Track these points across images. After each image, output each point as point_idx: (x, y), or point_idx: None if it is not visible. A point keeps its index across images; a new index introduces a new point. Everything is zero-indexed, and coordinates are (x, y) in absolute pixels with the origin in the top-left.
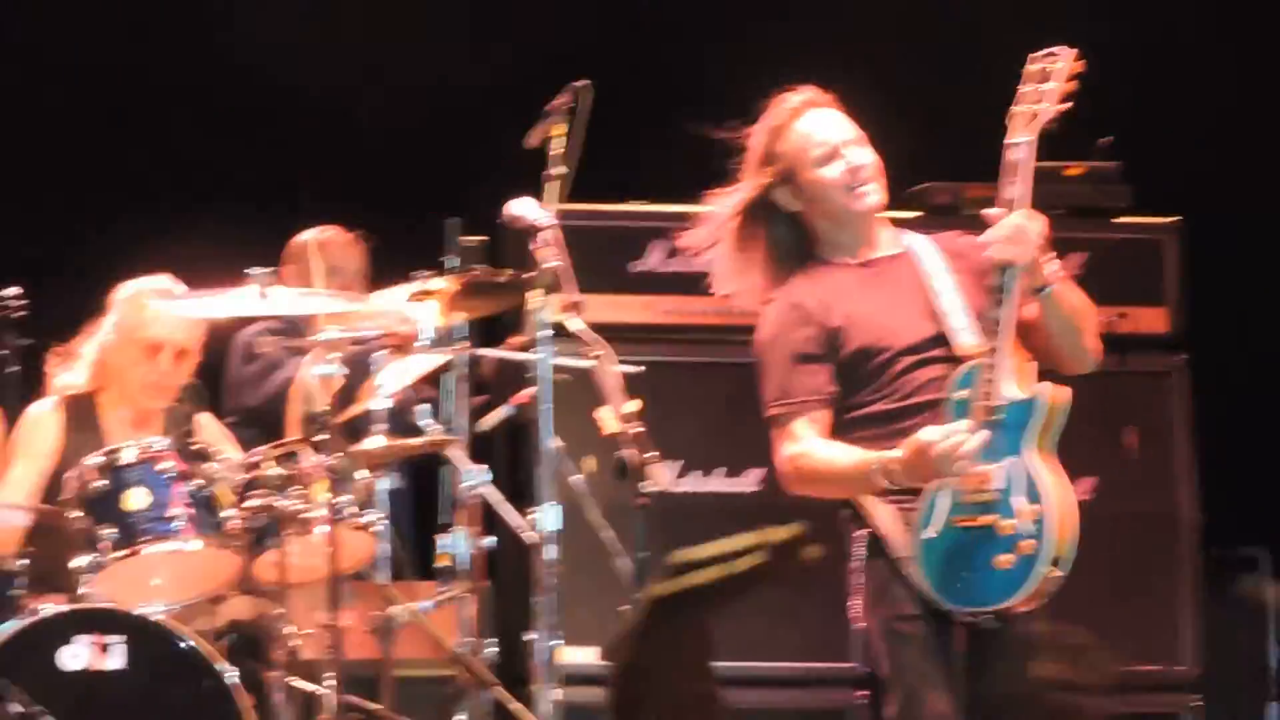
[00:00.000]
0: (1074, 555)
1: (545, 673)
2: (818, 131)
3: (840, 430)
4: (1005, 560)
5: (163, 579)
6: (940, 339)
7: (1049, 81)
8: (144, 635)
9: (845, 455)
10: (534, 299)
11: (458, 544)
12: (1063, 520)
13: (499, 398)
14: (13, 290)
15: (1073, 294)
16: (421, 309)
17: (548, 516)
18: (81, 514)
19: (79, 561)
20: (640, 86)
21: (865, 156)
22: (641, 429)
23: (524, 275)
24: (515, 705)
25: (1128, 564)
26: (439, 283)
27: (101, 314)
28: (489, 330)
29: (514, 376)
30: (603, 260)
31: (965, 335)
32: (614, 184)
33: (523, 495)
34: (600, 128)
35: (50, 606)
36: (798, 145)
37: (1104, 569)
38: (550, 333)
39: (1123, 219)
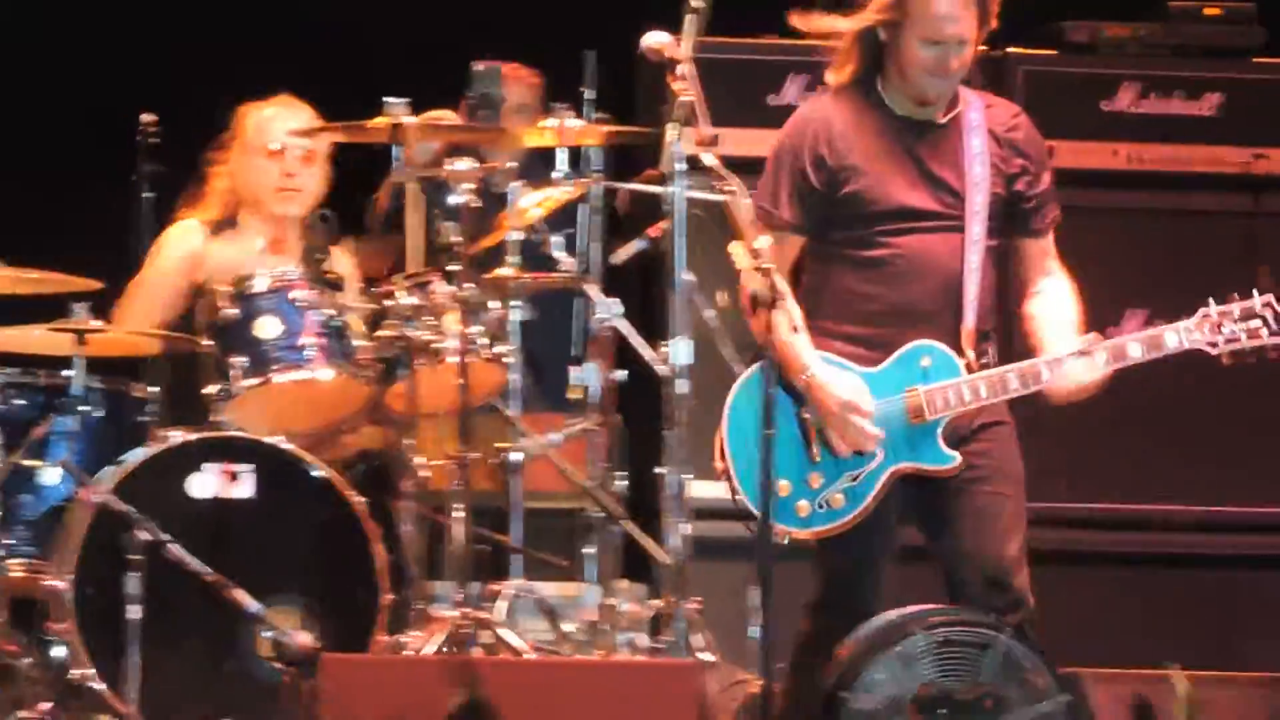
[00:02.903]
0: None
1: (675, 507)
2: (944, 21)
3: (817, 258)
4: (783, 488)
5: (293, 407)
6: (939, 214)
7: None
8: (273, 464)
9: (786, 324)
10: (669, 132)
11: (589, 377)
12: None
13: (633, 231)
14: (147, 117)
15: None
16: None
17: (679, 350)
18: (213, 342)
19: (210, 389)
20: None
21: (958, 56)
22: (772, 264)
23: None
24: (644, 539)
25: (1259, 405)
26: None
27: (229, 137)
28: (624, 162)
29: (648, 210)
30: (740, 94)
31: (977, 221)
32: (752, 17)
33: (655, 329)
34: None
35: (180, 434)
36: (920, 12)
37: (1235, 410)
38: (685, 166)
39: (1259, 59)
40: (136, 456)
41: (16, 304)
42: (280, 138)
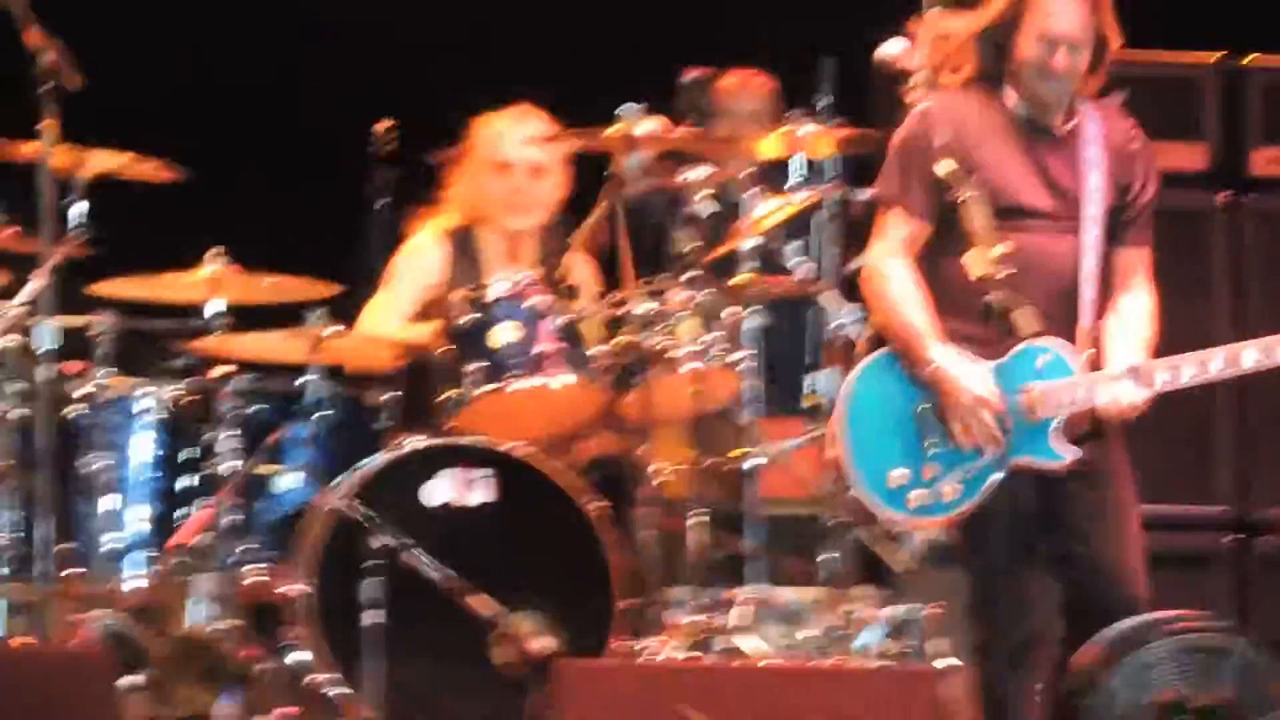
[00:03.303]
0: None
1: None
2: (1054, 17)
3: (933, 250)
4: (896, 477)
5: (528, 414)
6: (1057, 216)
7: None
8: (510, 470)
9: (913, 313)
10: None
11: (825, 383)
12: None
13: (869, 238)
14: (384, 123)
15: None
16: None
17: None
18: (450, 347)
19: (446, 395)
20: None
21: (1071, 62)
22: (1010, 272)
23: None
24: (881, 544)
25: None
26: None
27: (463, 148)
28: (861, 169)
29: None
30: None
31: (1094, 225)
32: None
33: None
34: None
35: (417, 440)
36: (1035, 8)
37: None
38: None
39: None
40: (373, 462)
41: (253, 310)
42: (509, 152)
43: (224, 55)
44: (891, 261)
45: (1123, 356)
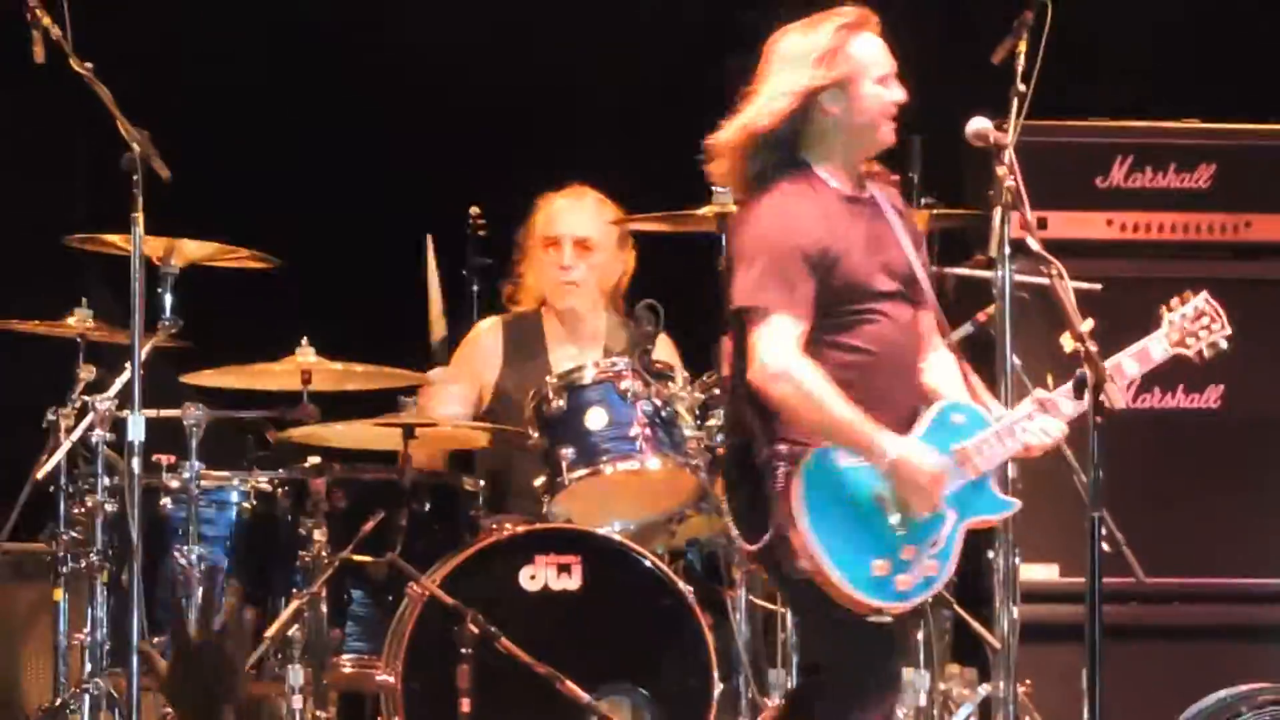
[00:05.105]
0: None
1: (1005, 590)
2: (884, 53)
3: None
4: (880, 567)
5: (622, 498)
6: (900, 290)
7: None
8: (603, 555)
9: (842, 406)
10: (995, 216)
11: None
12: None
13: (962, 315)
14: (474, 210)
15: None
16: None
17: None
18: (540, 434)
19: (539, 481)
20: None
21: (901, 95)
22: (1097, 348)
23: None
24: (974, 623)
25: (1256, 471)
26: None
27: (527, 229)
28: (953, 246)
29: (977, 294)
30: (1066, 176)
31: (925, 285)
32: (1078, 99)
33: None
34: (1060, 44)
35: (510, 527)
36: (867, 56)
37: (1233, 476)
38: (1010, 250)
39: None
40: (466, 549)
41: (346, 399)
42: (559, 228)
43: (313, 144)
44: (800, 363)
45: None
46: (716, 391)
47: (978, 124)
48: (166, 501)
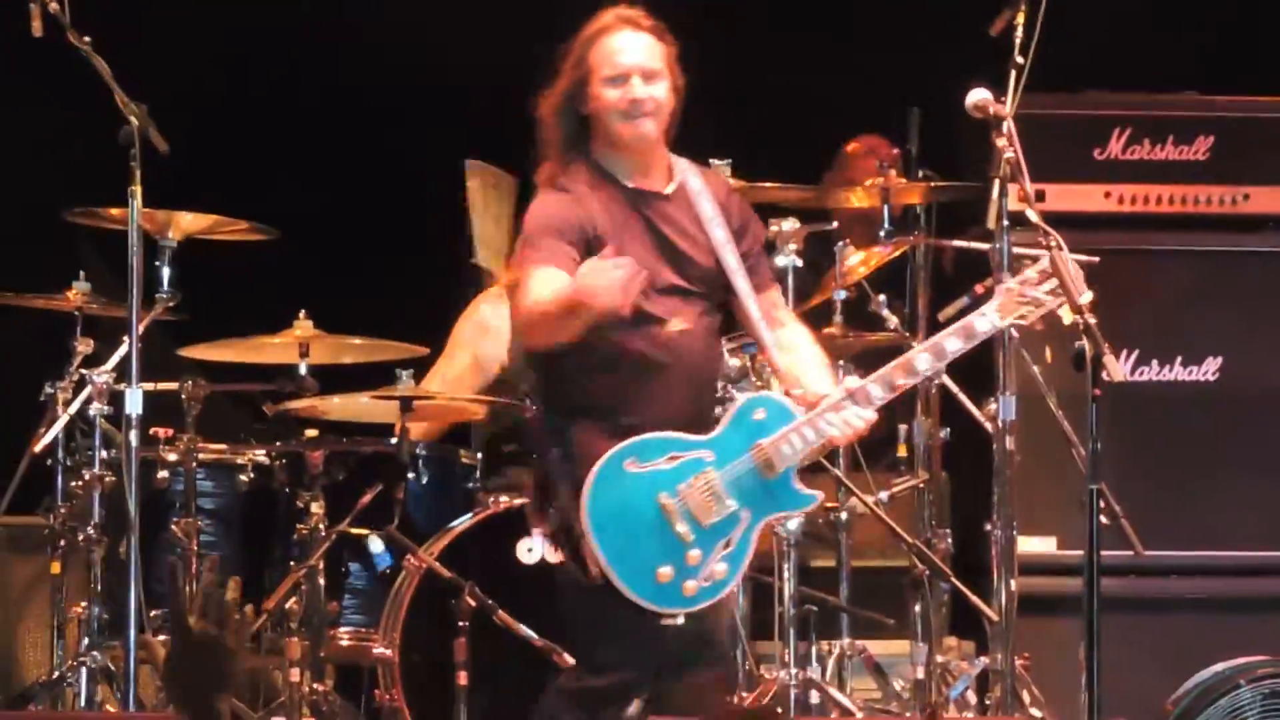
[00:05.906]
0: None
1: (1003, 563)
2: (619, 53)
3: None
4: (665, 574)
5: None
6: (689, 288)
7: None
8: None
9: (551, 289)
10: (993, 189)
11: (916, 434)
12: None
13: (959, 288)
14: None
15: None
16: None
17: (1006, 407)
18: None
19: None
20: None
21: (650, 91)
22: (1096, 320)
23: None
24: (972, 596)
25: (1254, 443)
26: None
27: None
28: (950, 219)
29: (974, 266)
30: (1065, 149)
31: (737, 275)
32: (1076, 71)
33: (981, 386)
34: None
35: (507, 499)
36: (599, 58)
37: (1231, 448)
38: (1008, 223)
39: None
40: (463, 522)
41: (342, 372)
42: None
43: (314, 118)
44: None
45: (819, 384)
46: None
47: (978, 95)
48: (164, 474)
